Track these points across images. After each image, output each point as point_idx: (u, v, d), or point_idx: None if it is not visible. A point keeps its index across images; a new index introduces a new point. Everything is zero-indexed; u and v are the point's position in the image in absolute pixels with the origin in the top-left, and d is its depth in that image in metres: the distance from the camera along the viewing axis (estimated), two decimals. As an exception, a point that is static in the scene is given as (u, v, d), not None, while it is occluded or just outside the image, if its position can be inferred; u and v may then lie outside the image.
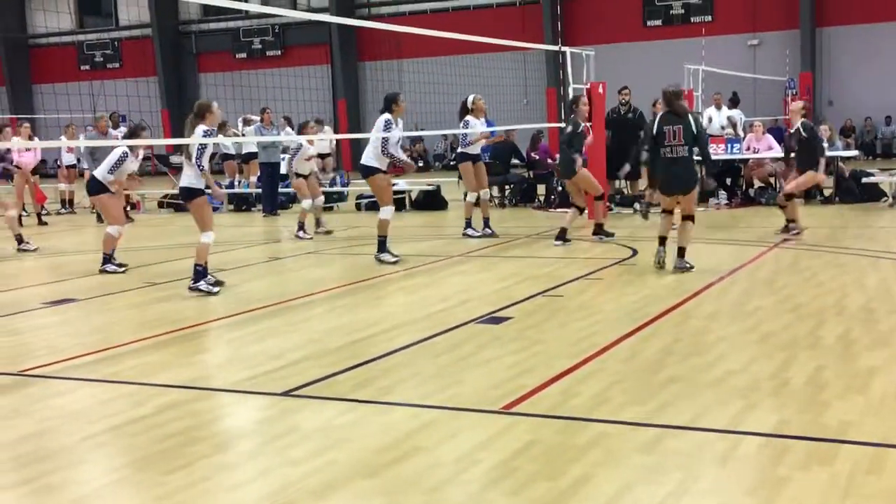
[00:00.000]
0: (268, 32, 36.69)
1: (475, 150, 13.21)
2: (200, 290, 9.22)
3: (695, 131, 9.53)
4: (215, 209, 19.26)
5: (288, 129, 17.87)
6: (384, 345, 6.75)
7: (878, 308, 7.45)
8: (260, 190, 18.32)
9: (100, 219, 17.53)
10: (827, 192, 16.13)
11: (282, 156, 17.86)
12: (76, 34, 39.96)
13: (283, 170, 18.92)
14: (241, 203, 19.50)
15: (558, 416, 4.98)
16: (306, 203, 14.19)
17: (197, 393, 5.76)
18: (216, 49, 37.66)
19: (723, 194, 16.45)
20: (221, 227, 13.70)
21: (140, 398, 5.66)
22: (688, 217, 9.70)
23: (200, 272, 9.29)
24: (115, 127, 20.00)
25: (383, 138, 10.75)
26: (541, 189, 17.99)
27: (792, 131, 12.73)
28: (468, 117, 13.09)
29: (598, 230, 12.29)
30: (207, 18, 38.04)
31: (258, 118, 18.36)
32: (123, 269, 11.00)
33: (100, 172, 11.15)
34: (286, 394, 5.61)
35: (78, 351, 6.90)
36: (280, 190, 18.30)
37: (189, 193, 9.35)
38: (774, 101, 27.81)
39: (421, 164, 32.86)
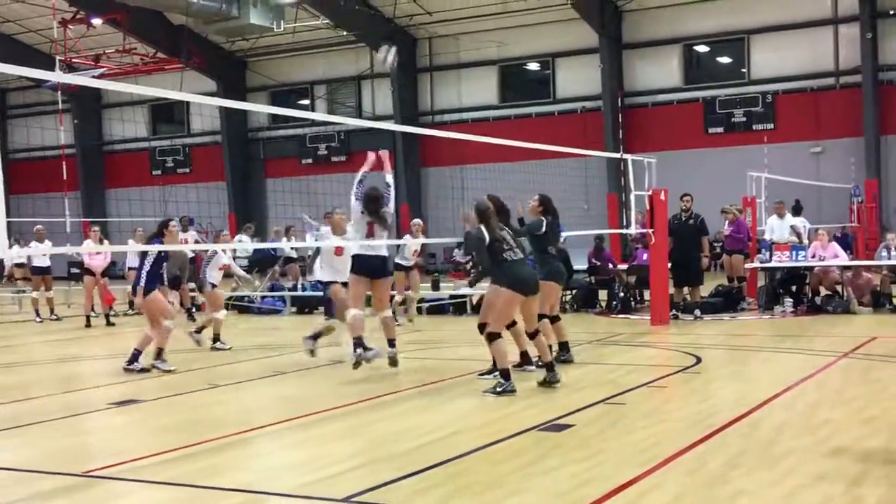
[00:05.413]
0: (333, 139, 37.57)
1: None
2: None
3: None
4: (277, 311, 19.63)
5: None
6: (446, 451, 6.68)
7: (955, 422, 7.21)
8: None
9: (190, 316, 17.92)
10: (896, 301, 15.81)
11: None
12: (150, 140, 41.39)
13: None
14: (303, 306, 19.69)
15: (622, 529, 4.86)
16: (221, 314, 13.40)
17: (257, 497, 5.75)
18: (283, 155, 38.60)
19: (789, 302, 16.21)
20: (283, 331, 13.87)
21: (201, 502, 5.66)
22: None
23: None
24: (185, 230, 20.45)
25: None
26: (602, 294, 17.92)
27: None
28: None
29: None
30: (275, 126, 39.14)
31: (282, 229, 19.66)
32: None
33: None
34: (346, 500, 5.57)
35: (141, 452, 6.94)
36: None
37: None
38: (840, 209, 27.54)
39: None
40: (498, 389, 8.84)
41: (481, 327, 9.96)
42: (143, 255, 11.31)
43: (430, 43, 35.82)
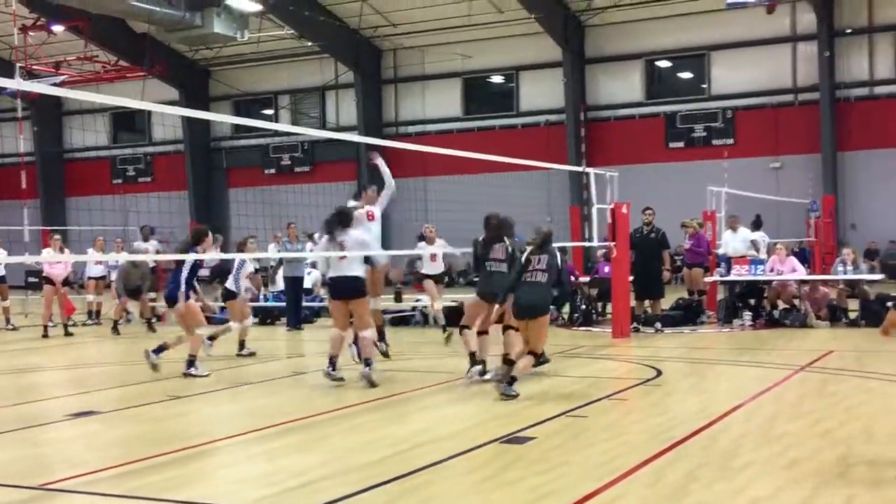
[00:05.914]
0: (297, 149, 37.47)
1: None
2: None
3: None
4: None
5: (310, 244, 18.01)
6: (408, 463, 6.67)
7: (909, 435, 7.33)
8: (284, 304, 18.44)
9: (150, 328, 17.74)
10: (852, 315, 16.02)
11: (308, 270, 18.19)
12: (111, 149, 41.00)
13: (307, 284, 19.11)
14: (265, 317, 19.59)
15: (583, 542, 4.89)
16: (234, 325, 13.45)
17: (217, 510, 5.72)
18: (246, 165, 38.44)
19: (747, 315, 16.38)
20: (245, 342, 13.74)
21: (160, 514, 5.61)
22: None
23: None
24: (146, 240, 20.32)
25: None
26: (565, 307, 17.99)
27: None
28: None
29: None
30: (238, 135, 38.96)
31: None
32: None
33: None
34: (307, 513, 5.55)
35: (98, 465, 6.86)
36: (304, 304, 18.44)
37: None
38: (797, 223, 27.92)
39: (446, 280, 32.98)
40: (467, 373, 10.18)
41: (461, 328, 10.70)
42: (179, 263, 11.38)
43: (395, 54, 35.91)
